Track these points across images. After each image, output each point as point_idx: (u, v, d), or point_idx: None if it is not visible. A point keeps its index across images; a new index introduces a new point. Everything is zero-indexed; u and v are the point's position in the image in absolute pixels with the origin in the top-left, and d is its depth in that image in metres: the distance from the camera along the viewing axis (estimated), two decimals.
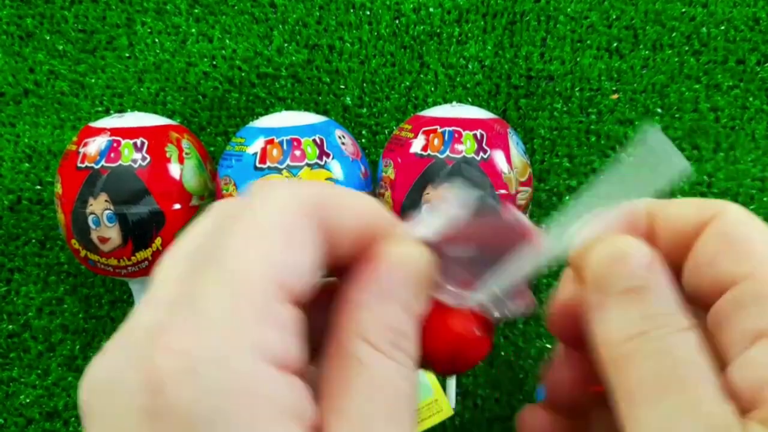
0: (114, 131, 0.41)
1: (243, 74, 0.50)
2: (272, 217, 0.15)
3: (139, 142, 0.40)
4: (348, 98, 0.50)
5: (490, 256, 0.18)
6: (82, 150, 0.40)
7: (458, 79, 0.49)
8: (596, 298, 0.17)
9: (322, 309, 0.17)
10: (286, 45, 0.50)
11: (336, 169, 0.40)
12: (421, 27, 0.50)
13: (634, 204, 0.19)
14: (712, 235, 0.17)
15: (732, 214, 0.17)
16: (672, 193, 0.47)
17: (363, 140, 0.49)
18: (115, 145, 0.40)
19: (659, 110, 0.48)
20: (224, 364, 0.13)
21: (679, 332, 0.16)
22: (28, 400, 0.48)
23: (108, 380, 0.14)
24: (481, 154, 0.39)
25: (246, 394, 0.13)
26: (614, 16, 0.49)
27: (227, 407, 0.13)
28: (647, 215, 0.19)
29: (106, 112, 0.50)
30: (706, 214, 0.17)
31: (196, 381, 0.13)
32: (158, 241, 0.40)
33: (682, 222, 0.18)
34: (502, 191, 0.40)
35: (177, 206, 0.41)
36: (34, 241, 0.49)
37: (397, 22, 0.50)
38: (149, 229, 0.40)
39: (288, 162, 0.39)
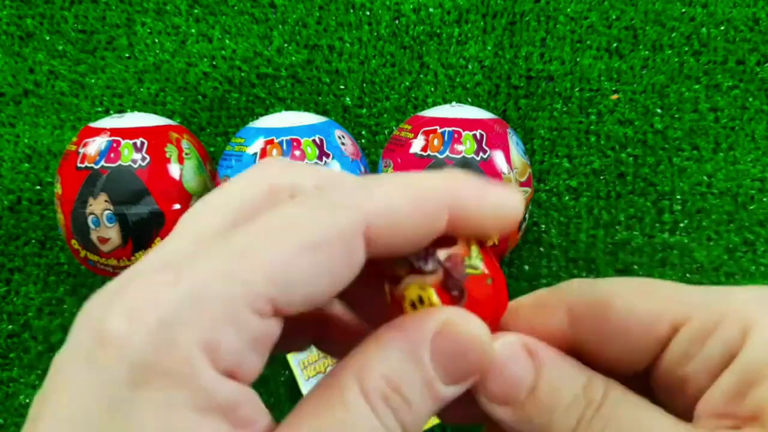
0: (114, 131, 0.41)
1: (243, 74, 0.50)
2: (310, 231, 0.14)
3: (138, 142, 0.40)
4: (348, 98, 0.49)
5: None
6: (81, 150, 0.40)
7: (458, 79, 0.49)
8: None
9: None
10: (286, 45, 0.50)
11: (336, 169, 0.40)
12: (421, 27, 0.50)
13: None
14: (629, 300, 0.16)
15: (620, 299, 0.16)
16: (672, 192, 0.47)
17: (363, 140, 0.49)
18: (114, 145, 0.40)
19: (659, 110, 0.48)
20: (162, 335, 0.13)
21: (610, 391, 0.15)
22: (28, 400, 0.48)
23: (84, 315, 0.14)
24: (481, 154, 0.39)
25: (170, 371, 0.12)
26: (614, 16, 0.49)
27: (148, 373, 0.12)
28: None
29: (106, 113, 0.50)
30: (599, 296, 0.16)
31: (125, 334, 0.13)
32: (158, 241, 0.40)
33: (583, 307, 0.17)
34: None
35: (177, 206, 0.41)
36: (34, 241, 0.49)
37: (396, 22, 0.50)
38: (149, 229, 0.40)
39: None
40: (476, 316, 0.15)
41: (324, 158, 0.40)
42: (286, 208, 0.14)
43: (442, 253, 0.16)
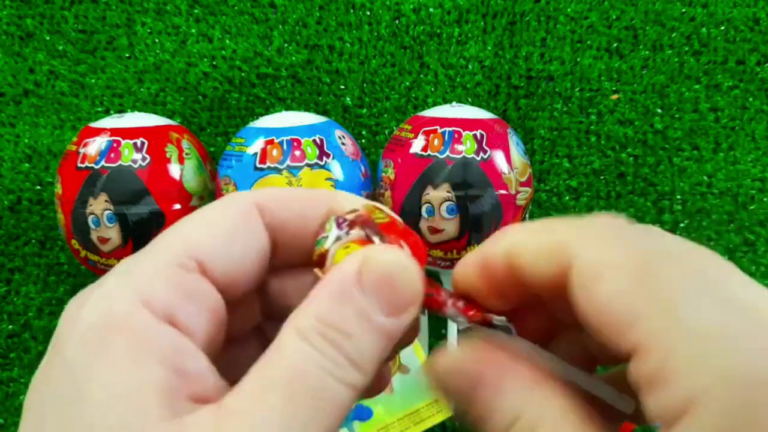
0: (114, 131, 0.41)
1: (243, 74, 0.50)
2: (213, 211, 0.17)
3: (139, 142, 0.40)
4: (348, 98, 0.50)
5: None
6: (82, 150, 0.40)
7: (458, 79, 0.49)
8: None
9: None
10: (286, 45, 0.50)
11: (336, 169, 0.40)
12: (421, 27, 0.50)
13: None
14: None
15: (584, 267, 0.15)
16: (672, 192, 0.47)
17: (363, 140, 0.49)
18: (115, 145, 0.40)
19: (659, 110, 0.48)
20: (103, 302, 0.15)
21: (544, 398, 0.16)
22: None
23: None
24: (481, 154, 0.39)
25: (111, 325, 0.14)
26: (614, 16, 0.49)
27: (93, 333, 0.14)
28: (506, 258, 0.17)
29: (106, 113, 0.50)
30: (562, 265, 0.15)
31: (77, 315, 0.15)
32: None
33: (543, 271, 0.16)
34: (502, 191, 0.40)
35: (177, 206, 0.41)
36: (34, 241, 0.49)
37: (397, 22, 0.50)
38: (149, 229, 0.40)
39: (288, 162, 0.39)
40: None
41: (324, 158, 0.40)
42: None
43: (350, 216, 0.17)
